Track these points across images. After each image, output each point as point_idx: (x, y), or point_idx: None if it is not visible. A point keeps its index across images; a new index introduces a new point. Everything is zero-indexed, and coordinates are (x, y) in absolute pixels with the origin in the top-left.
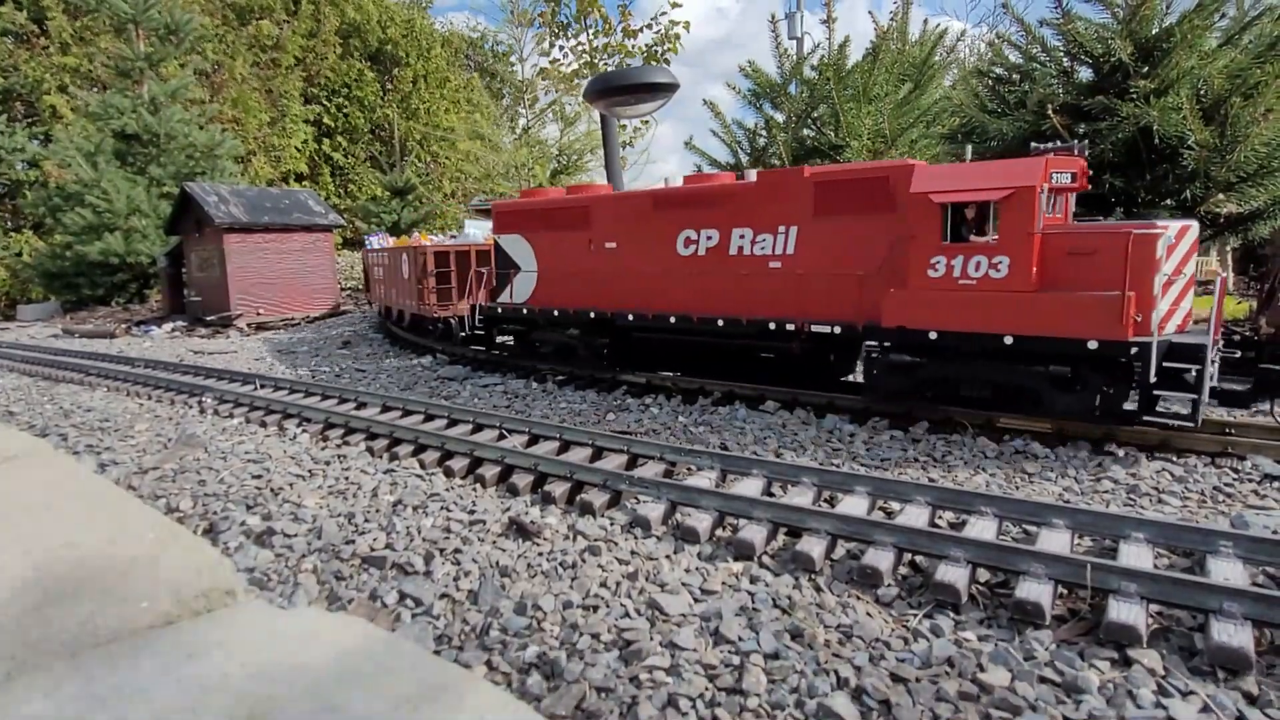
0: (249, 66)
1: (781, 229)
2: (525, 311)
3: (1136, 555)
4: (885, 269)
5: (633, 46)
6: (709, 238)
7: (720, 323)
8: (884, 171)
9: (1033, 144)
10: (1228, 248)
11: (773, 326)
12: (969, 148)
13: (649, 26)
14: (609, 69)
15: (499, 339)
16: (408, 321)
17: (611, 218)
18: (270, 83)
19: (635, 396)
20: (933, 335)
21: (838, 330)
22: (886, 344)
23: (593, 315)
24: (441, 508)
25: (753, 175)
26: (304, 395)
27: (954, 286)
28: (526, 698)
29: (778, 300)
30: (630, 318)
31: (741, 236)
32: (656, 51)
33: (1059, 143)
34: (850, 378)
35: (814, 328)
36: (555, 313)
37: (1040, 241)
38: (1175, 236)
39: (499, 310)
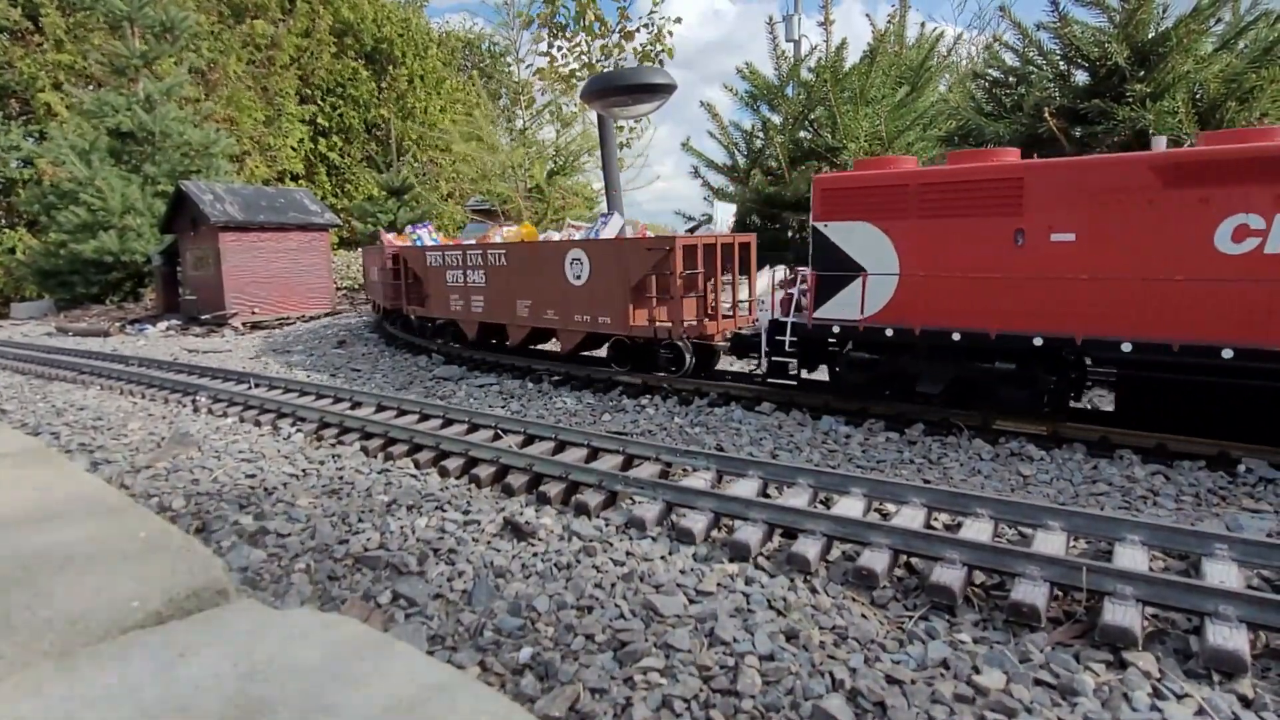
0: (243, 65)
1: None
2: (890, 333)
3: (1132, 558)
4: None
5: (630, 48)
6: None
7: None
8: None
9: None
10: None
11: None
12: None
13: (645, 26)
14: (606, 69)
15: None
16: (570, 347)
17: (1067, 197)
18: (265, 81)
19: (631, 397)
20: None
21: None
22: None
23: (1039, 342)
24: (436, 508)
25: None
26: (299, 394)
27: None
28: (520, 699)
29: None
30: (1127, 349)
31: None
32: (651, 51)
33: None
34: None
35: None
36: (956, 335)
37: None
38: None
39: (835, 329)
